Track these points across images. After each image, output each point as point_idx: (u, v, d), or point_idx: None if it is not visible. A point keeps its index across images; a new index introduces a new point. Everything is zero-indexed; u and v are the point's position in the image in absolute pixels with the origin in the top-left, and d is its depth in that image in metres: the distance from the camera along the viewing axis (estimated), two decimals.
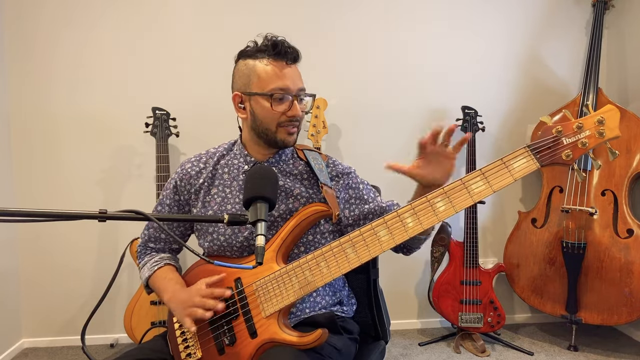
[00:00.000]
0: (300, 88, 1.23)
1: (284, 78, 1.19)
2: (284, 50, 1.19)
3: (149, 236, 1.36)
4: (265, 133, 1.24)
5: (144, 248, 1.38)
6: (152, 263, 1.32)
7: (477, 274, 2.51)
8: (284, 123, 1.22)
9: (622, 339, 2.68)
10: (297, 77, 1.23)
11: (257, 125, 1.24)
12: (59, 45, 2.45)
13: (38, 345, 2.58)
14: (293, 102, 1.20)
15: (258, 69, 1.20)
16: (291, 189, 1.25)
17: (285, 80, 1.19)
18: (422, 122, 2.74)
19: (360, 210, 1.30)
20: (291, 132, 1.23)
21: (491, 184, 1.03)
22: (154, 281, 1.29)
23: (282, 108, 1.20)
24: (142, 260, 1.36)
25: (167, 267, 1.31)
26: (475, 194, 1.04)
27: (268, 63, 1.20)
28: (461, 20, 2.71)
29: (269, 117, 1.21)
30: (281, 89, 1.19)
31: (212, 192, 1.29)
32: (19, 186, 2.49)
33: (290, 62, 1.21)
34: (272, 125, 1.22)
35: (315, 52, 2.61)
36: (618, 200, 2.39)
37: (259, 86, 1.20)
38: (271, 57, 1.19)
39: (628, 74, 2.71)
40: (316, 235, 1.26)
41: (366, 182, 1.37)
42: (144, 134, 2.38)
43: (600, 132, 1.00)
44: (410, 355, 2.49)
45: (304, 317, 1.25)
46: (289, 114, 1.21)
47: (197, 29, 2.53)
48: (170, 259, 1.35)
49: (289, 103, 1.20)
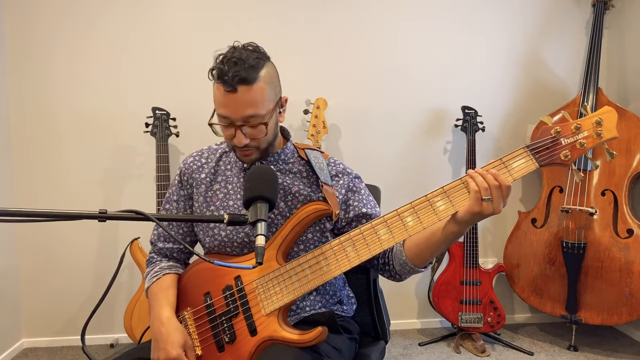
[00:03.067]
0: (246, 116, 1.12)
1: (225, 106, 1.13)
2: (224, 75, 1.10)
3: (158, 235, 1.36)
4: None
5: (153, 253, 1.37)
6: (152, 275, 1.30)
7: (477, 274, 2.51)
8: (235, 147, 1.19)
9: (622, 339, 2.68)
10: (243, 105, 1.11)
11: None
12: (59, 45, 2.46)
13: (38, 345, 2.59)
14: (236, 131, 1.15)
15: (214, 90, 1.16)
16: (290, 187, 1.25)
17: (227, 108, 1.12)
18: (422, 121, 2.74)
19: (356, 214, 1.27)
20: (244, 154, 1.20)
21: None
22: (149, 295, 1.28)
23: (227, 134, 1.18)
24: (147, 268, 1.35)
25: (164, 278, 1.28)
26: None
27: (217, 87, 1.13)
28: (461, 21, 2.72)
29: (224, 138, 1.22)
30: (223, 116, 1.15)
31: (214, 187, 1.29)
32: (19, 186, 2.50)
33: (232, 90, 1.10)
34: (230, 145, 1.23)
35: (315, 53, 2.61)
36: (618, 200, 2.39)
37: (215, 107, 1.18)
38: (218, 82, 1.13)
39: (628, 74, 2.71)
40: (316, 234, 1.26)
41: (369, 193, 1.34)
42: (144, 134, 2.39)
43: (598, 133, 1.01)
44: (410, 355, 2.49)
45: (304, 315, 1.25)
46: (232, 143, 1.18)
47: (197, 29, 2.53)
48: (170, 267, 1.32)
49: (233, 131, 1.15)
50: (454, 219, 1.05)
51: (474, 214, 1.01)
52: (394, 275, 1.25)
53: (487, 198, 0.99)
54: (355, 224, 1.26)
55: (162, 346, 1.12)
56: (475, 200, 1.00)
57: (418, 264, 1.17)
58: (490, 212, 1.00)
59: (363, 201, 1.29)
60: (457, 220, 1.05)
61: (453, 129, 2.76)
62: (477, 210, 1.00)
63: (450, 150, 2.78)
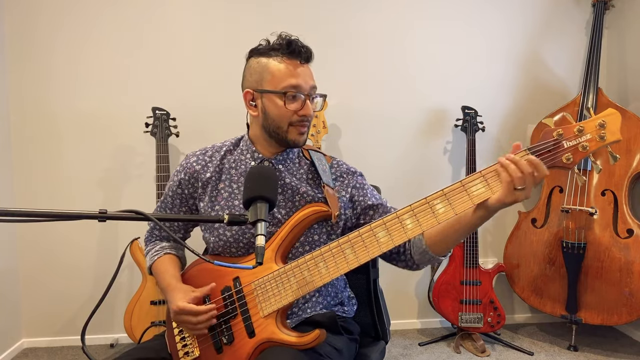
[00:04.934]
0: (313, 87, 1.23)
1: (297, 76, 1.19)
2: (297, 49, 1.19)
3: (154, 225, 1.40)
4: (276, 132, 1.23)
5: (150, 235, 1.42)
6: (152, 253, 1.35)
7: (477, 274, 2.51)
8: (296, 122, 1.21)
9: (622, 339, 2.68)
10: (310, 76, 1.23)
11: (268, 124, 1.23)
12: (59, 45, 2.46)
13: (38, 345, 2.59)
14: (305, 100, 1.20)
15: (271, 67, 1.20)
16: (297, 188, 1.25)
17: (299, 78, 1.19)
18: (422, 121, 2.74)
19: (362, 207, 1.28)
20: (302, 131, 1.23)
21: (491, 186, 1.02)
22: (154, 270, 1.33)
23: (294, 107, 1.20)
24: (147, 247, 1.40)
25: (166, 257, 1.33)
26: (474, 196, 1.03)
27: (281, 61, 1.20)
28: (461, 21, 2.72)
29: (281, 115, 1.21)
30: (294, 87, 1.19)
31: (219, 187, 1.29)
32: (19, 186, 2.50)
33: (304, 61, 1.22)
34: (284, 123, 1.21)
35: (316, 53, 2.59)
36: (618, 200, 2.39)
37: (272, 84, 1.20)
38: (285, 55, 1.19)
39: (628, 74, 2.71)
40: (322, 236, 1.25)
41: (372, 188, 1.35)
42: (144, 134, 2.39)
43: (601, 136, 0.99)
44: (410, 355, 2.49)
45: (305, 316, 1.25)
46: (301, 113, 1.20)
47: (197, 29, 2.53)
48: (171, 248, 1.37)
49: (301, 102, 1.20)
50: (485, 206, 1.04)
51: (507, 204, 1.00)
52: (410, 265, 1.25)
53: (521, 188, 0.98)
54: (364, 218, 1.27)
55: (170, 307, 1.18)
56: (509, 191, 0.98)
57: (438, 252, 1.17)
58: (523, 199, 1.00)
59: (367, 195, 1.30)
60: (488, 207, 1.03)
61: (453, 129, 2.76)
62: (509, 201, 0.99)
63: (450, 151, 2.78)
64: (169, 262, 1.31)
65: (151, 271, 1.35)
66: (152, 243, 1.39)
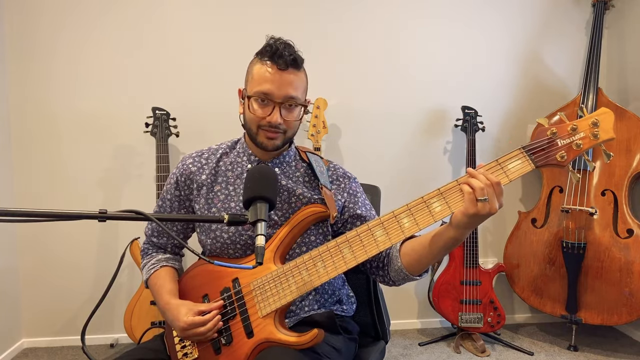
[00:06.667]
0: (288, 96, 1.18)
1: (271, 83, 1.17)
2: (279, 54, 1.17)
3: (152, 230, 1.38)
4: (249, 132, 1.25)
5: (147, 244, 1.39)
6: (149, 266, 1.33)
7: (477, 274, 2.51)
8: (264, 127, 1.21)
9: (622, 339, 2.68)
10: (289, 85, 1.18)
11: (245, 123, 1.25)
12: (59, 45, 2.46)
13: (38, 345, 2.59)
14: (274, 108, 1.19)
15: (254, 69, 1.21)
16: (294, 190, 1.25)
17: (272, 85, 1.17)
18: (422, 121, 2.74)
19: (350, 215, 1.28)
20: (270, 137, 1.22)
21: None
22: (150, 285, 1.32)
23: (260, 112, 1.19)
24: (143, 260, 1.37)
25: (162, 270, 1.31)
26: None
27: (263, 65, 1.19)
28: (461, 20, 2.72)
29: (250, 118, 1.22)
30: (264, 93, 1.18)
31: (215, 189, 1.29)
32: (19, 186, 2.50)
33: (283, 68, 1.17)
34: (253, 126, 1.22)
35: (316, 53, 2.61)
36: (618, 200, 2.39)
37: (250, 86, 1.21)
38: (268, 59, 1.19)
39: (628, 74, 2.71)
40: (319, 237, 1.26)
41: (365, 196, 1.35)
42: (144, 134, 2.39)
43: (595, 134, 1.01)
44: (410, 355, 2.50)
45: (304, 315, 1.25)
46: (266, 120, 1.19)
47: (197, 29, 2.53)
48: (167, 260, 1.34)
49: (270, 109, 1.19)
50: (451, 224, 1.04)
51: (471, 216, 0.99)
52: (387, 280, 1.25)
53: (483, 198, 0.98)
54: (350, 226, 1.27)
55: (175, 325, 1.17)
56: (470, 201, 0.99)
57: (413, 272, 1.16)
58: (487, 212, 0.98)
59: (358, 203, 1.30)
60: (454, 224, 1.03)
61: (453, 129, 2.76)
62: (472, 212, 0.99)
63: (450, 150, 2.78)
64: (165, 275, 1.29)
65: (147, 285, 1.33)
66: (148, 256, 1.37)
